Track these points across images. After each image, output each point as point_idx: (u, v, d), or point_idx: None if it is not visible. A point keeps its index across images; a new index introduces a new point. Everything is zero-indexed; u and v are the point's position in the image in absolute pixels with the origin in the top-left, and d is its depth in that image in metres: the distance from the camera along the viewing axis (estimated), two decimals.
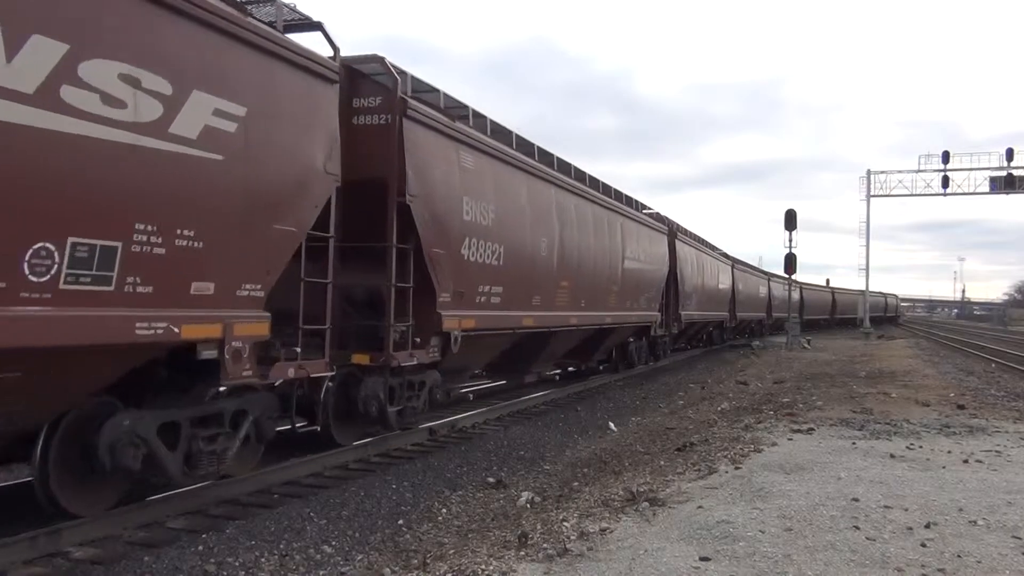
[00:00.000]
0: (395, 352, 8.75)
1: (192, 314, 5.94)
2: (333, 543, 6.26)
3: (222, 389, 6.59)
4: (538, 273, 12.31)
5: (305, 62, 7.20)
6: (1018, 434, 9.81)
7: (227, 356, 6.36)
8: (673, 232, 22.98)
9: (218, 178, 6.07)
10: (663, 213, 23.62)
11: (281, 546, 6.05)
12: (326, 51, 7.76)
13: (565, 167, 14.69)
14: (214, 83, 5.97)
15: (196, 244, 5.85)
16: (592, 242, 14.89)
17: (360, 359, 8.64)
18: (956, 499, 6.35)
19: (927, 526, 5.57)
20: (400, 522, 6.94)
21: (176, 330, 5.76)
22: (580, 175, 15.60)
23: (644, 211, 20.96)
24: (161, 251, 5.54)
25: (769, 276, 45.20)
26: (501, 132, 12.14)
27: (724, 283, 31.41)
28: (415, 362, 9.14)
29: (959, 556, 4.94)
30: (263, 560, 5.77)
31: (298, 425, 8.14)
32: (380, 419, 8.97)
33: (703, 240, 29.55)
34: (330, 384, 8.28)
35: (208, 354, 6.23)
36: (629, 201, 19.36)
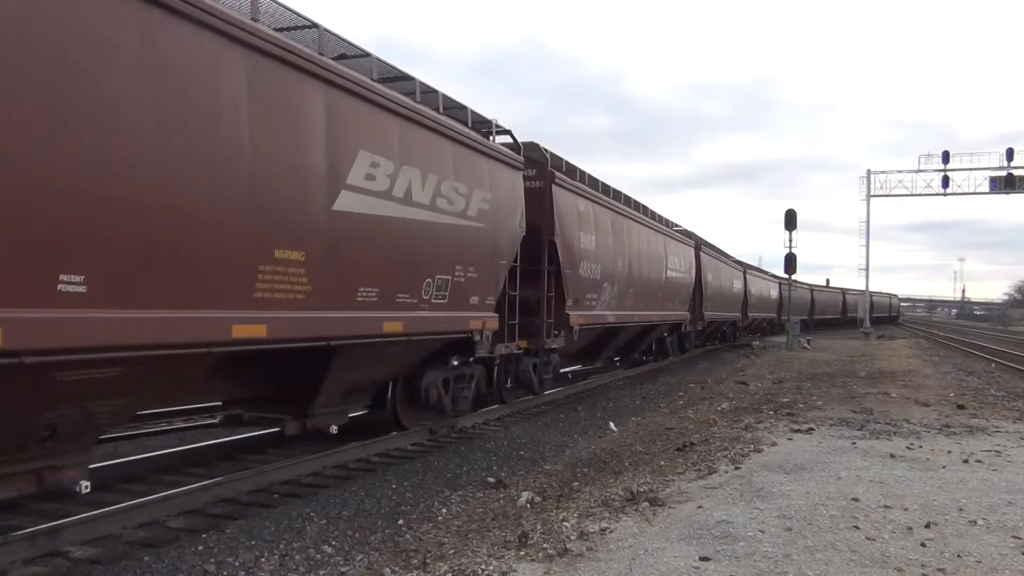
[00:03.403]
0: None
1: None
2: (333, 543, 6.26)
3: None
4: None
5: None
6: (1018, 434, 9.81)
7: (483, 340, 10.43)
8: (545, 171, 12.73)
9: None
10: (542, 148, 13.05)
11: (281, 546, 6.05)
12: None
13: None
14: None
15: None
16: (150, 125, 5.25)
17: None
18: (956, 499, 6.35)
19: (927, 526, 5.57)
20: (400, 522, 6.94)
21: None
22: None
23: (479, 129, 10.68)
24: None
25: (745, 267, 37.03)
26: None
27: (678, 269, 21.91)
28: None
29: (959, 556, 4.94)
30: (263, 560, 5.77)
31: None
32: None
33: (636, 202, 19.03)
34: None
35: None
36: (404, 83, 9.02)
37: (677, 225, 24.40)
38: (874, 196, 51.02)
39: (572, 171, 14.69)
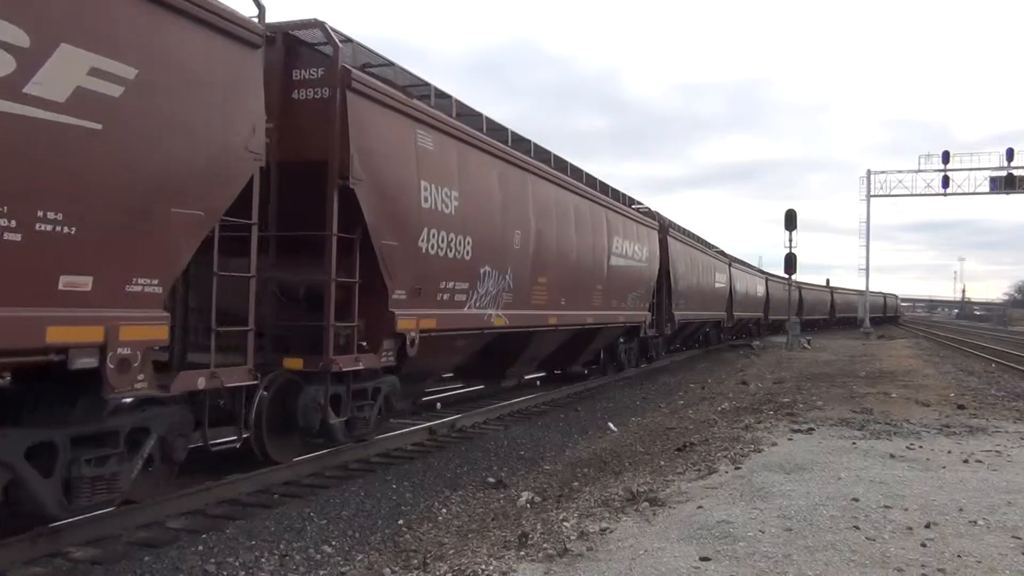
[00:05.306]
0: None
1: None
2: (333, 543, 6.26)
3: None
4: None
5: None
6: (1018, 434, 9.81)
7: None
8: (335, 70, 7.62)
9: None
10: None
11: (281, 546, 6.05)
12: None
13: None
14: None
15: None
16: None
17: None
18: (956, 499, 6.35)
19: (927, 526, 5.57)
20: (400, 522, 6.94)
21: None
22: None
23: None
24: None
25: (730, 260, 33.22)
26: None
27: (631, 256, 17.38)
28: None
29: (959, 556, 4.94)
30: (263, 560, 5.77)
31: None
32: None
33: (560, 159, 14.36)
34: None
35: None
36: None
37: (639, 203, 19.92)
38: (874, 196, 51.11)
39: (427, 93, 9.61)
